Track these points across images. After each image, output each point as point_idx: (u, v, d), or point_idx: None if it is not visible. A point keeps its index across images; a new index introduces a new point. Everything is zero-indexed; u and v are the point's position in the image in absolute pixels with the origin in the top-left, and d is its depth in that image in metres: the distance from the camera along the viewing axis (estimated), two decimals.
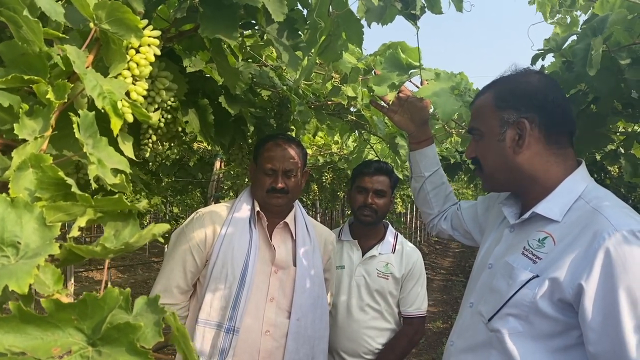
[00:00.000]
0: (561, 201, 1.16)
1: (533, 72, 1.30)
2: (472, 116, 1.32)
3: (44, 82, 0.68)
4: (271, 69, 2.10)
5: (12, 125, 0.62)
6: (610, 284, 1.00)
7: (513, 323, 1.13)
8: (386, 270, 2.24)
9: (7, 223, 0.47)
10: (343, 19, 1.29)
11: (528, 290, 1.11)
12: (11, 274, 0.42)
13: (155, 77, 1.26)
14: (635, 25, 1.29)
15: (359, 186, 2.24)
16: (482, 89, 1.33)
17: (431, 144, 1.74)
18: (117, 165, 0.76)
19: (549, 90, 1.22)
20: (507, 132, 1.21)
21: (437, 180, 1.74)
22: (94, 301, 0.44)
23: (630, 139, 2.15)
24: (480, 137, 1.28)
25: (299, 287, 1.74)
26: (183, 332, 0.49)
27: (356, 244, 2.29)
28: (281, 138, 1.82)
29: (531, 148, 1.19)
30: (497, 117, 1.23)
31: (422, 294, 2.29)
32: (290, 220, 1.83)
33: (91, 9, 0.84)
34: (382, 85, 1.57)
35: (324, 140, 4.78)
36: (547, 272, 1.09)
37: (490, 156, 1.26)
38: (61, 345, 0.42)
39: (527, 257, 1.16)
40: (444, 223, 1.73)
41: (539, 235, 1.16)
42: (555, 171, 1.20)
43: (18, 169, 0.54)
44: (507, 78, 1.29)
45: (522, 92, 1.23)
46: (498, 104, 1.23)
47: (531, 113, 1.19)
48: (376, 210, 2.22)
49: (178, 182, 5.52)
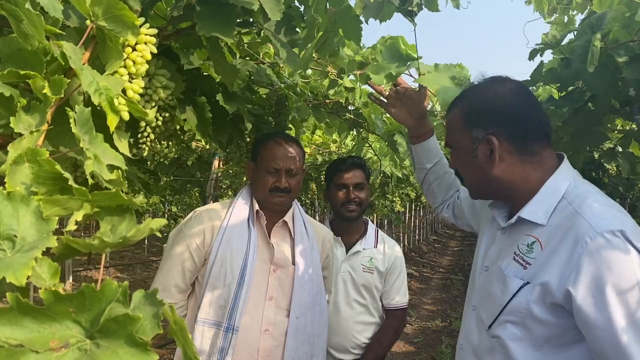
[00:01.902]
0: (545, 204, 1.16)
1: (499, 80, 1.27)
2: (447, 130, 1.34)
3: (40, 77, 0.68)
4: (269, 66, 2.09)
5: (8, 119, 0.62)
6: (598, 286, 1.01)
7: (511, 329, 1.15)
8: (371, 264, 2.28)
9: (3, 216, 0.46)
10: (341, 15, 1.29)
11: (521, 298, 1.13)
12: (8, 266, 0.42)
13: (153, 75, 1.25)
14: (633, 23, 1.29)
15: (338, 184, 2.28)
16: (452, 103, 1.33)
17: (431, 137, 1.74)
18: (113, 162, 0.76)
19: (514, 99, 1.21)
20: (479, 148, 1.21)
21: (439, 171, 1.75)
22: (92, 293, 0.44)
23: (627, 137, 2.16)
24: (455, 152, 1.30)
25: (297, 286, 1.74)
26: (181, 325, 0.48)
27: (339, 240, 2.31)
28: (282, 137, 1.82)
29: (505, 160, 1.20)
30: (467, 134, 1.24)
31: (403, 286, 2.35)
32: (289, 218, 1.83)
33: (88, 5, 0.84)
34: (379, 74, 1.57)
35: (323, 138, 4.78)
36: (537, 278, 1.11)
37: (469, 170, 1.28)
38: (59, 338, 0.42)
39: (517, 262, 1.17)
40: (446, 212, 1.75)
41: (528, 240, 1.17)
42: (534, 176, 1.20)
43: (14, 163, 0.54)
44: (474, 91, 1.29)
45: (486, 107, 1.22)
46: (466, 121, 1.24)
47: (497, 128, 1.19)
48: (360, 203, 2.26)
49: (176, 181, 5.51)
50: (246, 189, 1.86)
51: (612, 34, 1.29)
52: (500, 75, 1.29)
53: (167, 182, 5.42)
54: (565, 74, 1.43)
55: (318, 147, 4.89)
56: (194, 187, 6.35)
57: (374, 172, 4.16)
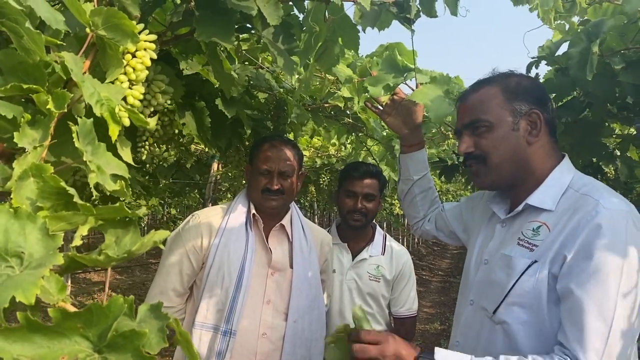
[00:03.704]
0: (552, 192, 1.20)
1: (520, 73, 1.33)
2: (473, 109, 1.29)
3: (44, 92, 0.69)
4: (267, 71, 2.10)
5: (12, 133, 0.63)
6: (587, 248, 1.05)
7: (518, 312, 1.15)
8: (377, 272, 2.23)
9: (10, 234, 0.47)
10: (339, 24, 1.29)
11: (528, 277, 1.14)
12: (17, 284, 0.43)
13: (151, 80, 1.26)
14: (628, 31, 1.30)
15: (348, 190, 2.21)
16: (476, 84, 1.33)
17: (422, 149, 1.75)
18: (115, 171, 0.76)
19: (543, 87, 1.30)
20: (520, 122, 1.23)
21: (425, 184, 1.75)
22: (99, 309, 0.45)
23: (625, 142, 2.17)
24: (488, 129, 1.26)
25: (295, 289, 1.75)
26: (186, 337, 0.49)
27: (346, 247, 2.27)
28: (277, 139, 1.82)
29: (540, 139, 1.23)
30: (508, 107, 1.24)
31: (412, 294, 2.30)
32: (286, 222, 1.83)
33: (87, 15, 0.84)
34: (377, 86, 1.58)
35: (321, 142, 4.79)
36: (545, 257, 1.13)
37: (503, 146, 1.24)
38: (68, 354, 0.42)
39: (523, 246, 1.19)
40: (428, 225, 1.75)
41: (533, 225, 1.19)
42: (548, 162, 1.24)
43: (19, 179, 0.55)
44: (503, 75, 1.31)
45: (526, 86, 1.26)
46: (507, 95, 1.25)
47: (538, 106, 1.23)
48: (366, 214, 2.20)
49: (176, 184, 5.51)
50: (244, 192, 1.87)
51: (607, 42, 1.31)
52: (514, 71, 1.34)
53: (166, 185, 5.42)
54: (562, 82, 1.44)
55: (317, 150, 4.89)
56: (193, 190, 6.35)
57: None
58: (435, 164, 3.30)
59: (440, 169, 3.30)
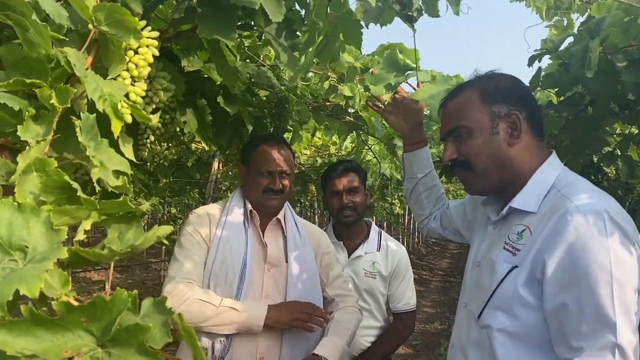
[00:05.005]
0: (535, 192, 1.19)
1: (501, 73, 1.31)
2: (452, 116, 1.30)
3: (47, 87, 0.68)
4: (269, 68, 2.10)
5: (15, 127, 0.63)
6: (570, 255, 1.05)
7: (500, 317, 1.15)
8: (373, 269, 2.25)
9: (14, 227, 0.47)
10: (341, 20, 1.29)
11: (509, 282, 1.14)
12: (21, 278, 0.42)
13: (153, 77, 1.26)
14: (631, 28, 1.30)
15: (332, 191, 2.25)
16: (456, 89, 1.33)
17: (425, 146, 1.75)
18: (118, 167, 0.76)
19: (524, 85, 1.29)
20: (500, 125, 1.22)
21: (429, 182, 1.75)
22: (102, 303, 0.44)
23: (626, 141, 2.17)
24: (468, 135, 1.25)
25: (291, 283, 1.76)
26: (190, 332, 0.49)
27: (341, 245, 2.30)
28: (274, 140, 1.85)
29: (522, 140, 1.22)
30: (486, 111, 1.23)
31: (410, 289, 2.31)
32: (282, 216, 1.86)
33: (90, 11, 0.84)
34: (378, 85, 1.58)
35: (322, 141, 4.78)
36: (525, 261, 1.13)
37: (484, 151, 1.23)
38: (71, 348, 0.42)
39: (507, 250, 1.19)
40: (433, 222, 1.75)
41: (518, 229, 1.19)
42: (534, 163, 1.23)
43: (23, 173, 0.54)
44: (482, 77, 1.30)
45: (505, 87, 1.25)
46: (485, 98, 1.24)
47: (518, 106, 1.22)
48: (355, 207, 2.23)
49: (176, 182, 5.51)
50: (238, 191, 1.89)
51: (610, 39, 1.30)
52: (497, 71, 1.33)
53: (167, 184, 5.42)
54: (564, 78, 1.44)
55: (318, 149, 4.89)
56: (193, 189, 6.36)
57: (374, 175, 4.15)
58: (436, 164, 3.29)
59: (440, 169, 3.29)
